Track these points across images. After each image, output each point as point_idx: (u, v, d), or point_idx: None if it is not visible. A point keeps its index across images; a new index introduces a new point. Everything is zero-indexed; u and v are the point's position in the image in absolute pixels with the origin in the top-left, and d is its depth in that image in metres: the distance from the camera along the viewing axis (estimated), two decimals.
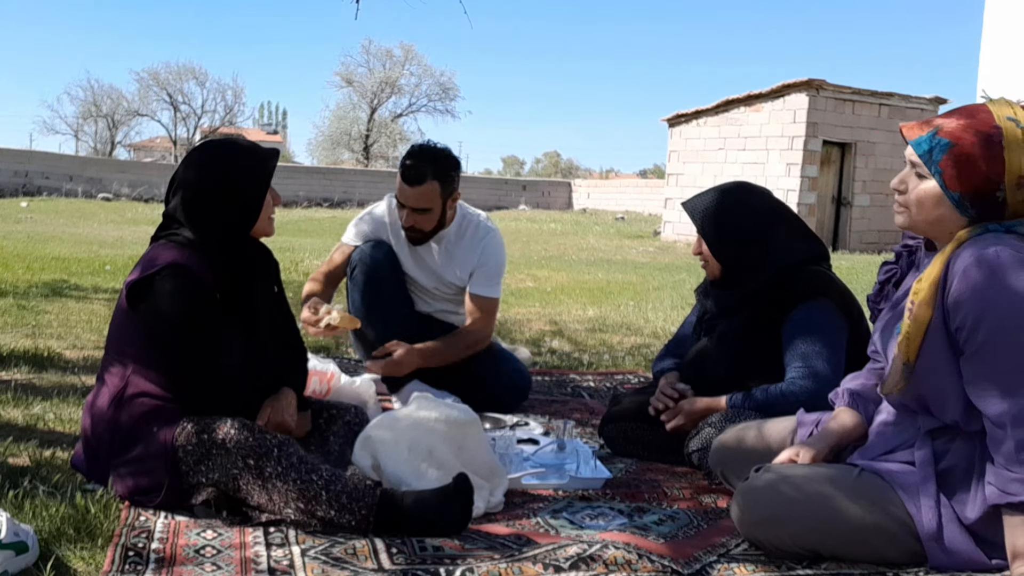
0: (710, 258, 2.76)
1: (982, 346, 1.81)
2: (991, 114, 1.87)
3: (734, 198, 2.78)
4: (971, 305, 1.80)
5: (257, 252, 2.47)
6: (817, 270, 2.70)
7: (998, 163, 1.84)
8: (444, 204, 3.29)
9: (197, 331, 2.24)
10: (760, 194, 2.83)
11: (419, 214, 3.27)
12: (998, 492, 1.80)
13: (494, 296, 3.45)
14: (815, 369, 2.55)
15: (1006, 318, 1.78)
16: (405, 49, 44.99)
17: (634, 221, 24.68)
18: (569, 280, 9.25)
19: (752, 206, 2.77)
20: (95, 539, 1.99)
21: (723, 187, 2.84)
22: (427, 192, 3.24)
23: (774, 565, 1.98)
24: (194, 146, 2.54)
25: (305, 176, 29.49)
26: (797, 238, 2.74)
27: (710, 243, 2.75)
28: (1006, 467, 1.79)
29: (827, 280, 2.69)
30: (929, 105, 16.89)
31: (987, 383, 1.81)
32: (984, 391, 1.82)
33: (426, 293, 3.49)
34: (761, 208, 2.77)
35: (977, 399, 1.83)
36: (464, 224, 3.44)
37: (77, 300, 5.98)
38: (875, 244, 16.37)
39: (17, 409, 3.09)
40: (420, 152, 3.31)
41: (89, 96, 43.79)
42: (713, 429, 2.58)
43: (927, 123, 1.93)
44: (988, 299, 1.79)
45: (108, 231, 14.20)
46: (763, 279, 2.67)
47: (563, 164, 73.51)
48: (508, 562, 1.94)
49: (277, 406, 2.36)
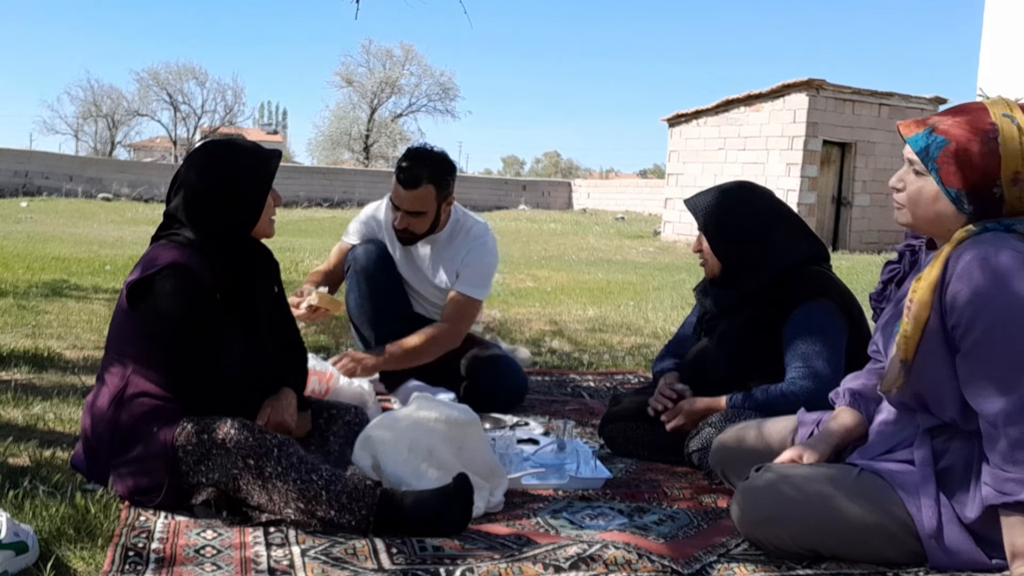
0: (710, 256, 2.77)
1: (977, 345, 1.81)
2: (987, 111, 1.88)
3: (736, 197, 2.78)
4: (968, 304, 1.81)
5: (258, 252, 2.48)
6: (817, 270, 2.71)
7: (994, 159, 1.84)
8: (439, 208, 3.29)
9: (197, 331, 2.24)
10: (761, 194, 2.83)
11: (413, 217, 3.27)
12: (994, 492, 1.80)
13: (474, 297, 3.40)
14: (815, 369, 2.55)
15: (1002, 318, 1.78)
16: (405, 49, 45.04)
17: (634, 221, 24.68)
18: (569, 280, 9.25)
19: (753, 206, 2.77)
20: (95, 539, 1.99)
21: (725, 186, 2.85)
22: (422, 196, 3.23)
23: (774, 565, 1.98)
24: (196, 146, 2.55)
25: (305, 176, 29.48)
26: (798, 238, 2.74)
27: (711, 241, 2.75)
28: (1001, 466, 1.79)
29: (827, 280, 2.69)
30: (929, 105, 16.89)
31: (981, 382, 1.81)
32: (978, 390, 1.82)
33: (418, 295, 3.49)
34: (762, 208, 2.77)
35: (972, 398, 1.84)
36: (456, 228, 3.43)
37: (77, 300, 5.98)
38: (875, 244, 16.37)
39: (17, 409, 3.09)
40: (416, 155, 3.29)
41: (89, 96, 43.81)
42: (713, 429, 2.58)
43: (924, 121, 1.95)
44: (985, 299, 1.79)
45: (108, 231, 14.20)
46: (763, 279, 2.67)
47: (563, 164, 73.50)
48: (508, 562, 1.94)
49: (277, 406, 2.36)
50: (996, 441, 1.80)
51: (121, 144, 45.63)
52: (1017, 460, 1.77)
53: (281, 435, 2.16)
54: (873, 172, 16.65)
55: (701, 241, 2.79)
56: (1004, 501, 1.79)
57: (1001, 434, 1.79)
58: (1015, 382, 1.78)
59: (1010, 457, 1.78)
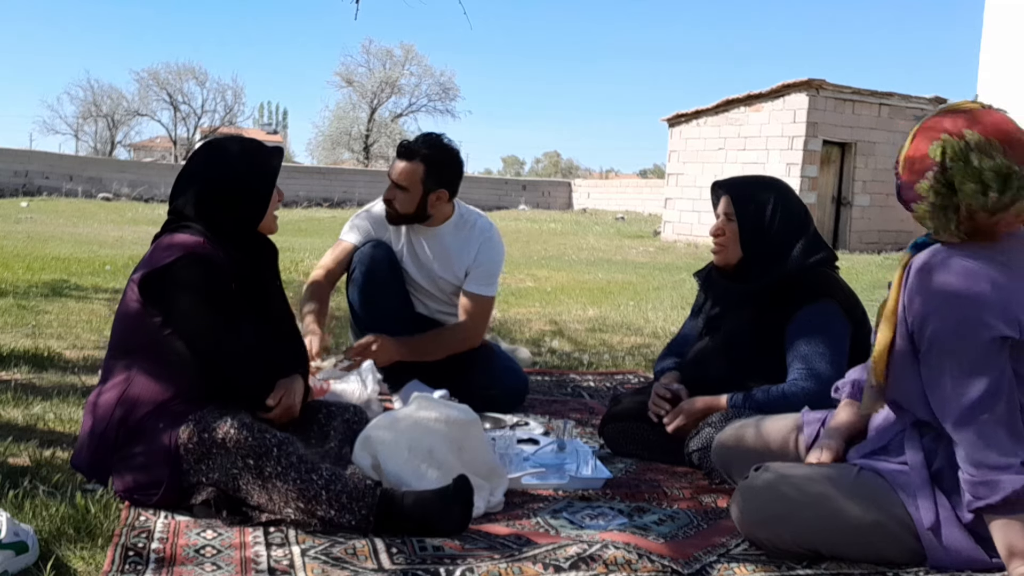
0: (732, 244, 2.72)
1: (928, 350, 1.84)
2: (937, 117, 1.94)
3: (779, 195, 2.74)
4: (918, 307, 1.84)
5: (263, 246, 2.50)
6: (824, 271, 2.70)
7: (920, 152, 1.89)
8: (425, 192, 3.29)
9: (218, 315, 2.26)
10: (796, 196, 2.83)
11: (397, 189, 3.31)
12: (970, 497, 1.81)
13: (488, 295, 3.45)
14: (816, 371, 2.55)
15: (947, 320, 1.81)
16: (405, 49, 44.99)
17: (634, 221, 24.66)
18: (569, 280, 9.25)
19: (792, 206, 2.74)
20: (95, 539, 1.99)
21: (766, 180, 2.84)
22: (409, 170, 3.28)
23: (774, 565, 1.98)
24: (202, 142, 2.57)
25: (305, 176, 29.45)
26: (818, 243, 2.73)
27: (745, 232, 2.69)
28: (966, 471, 1.81)
29: (833, 281, 2.69)
30: (929, 105, 16.85)
31: (936, 386, 1.84)
32: (935, 394, 1.85)
33: (424, 293, 3.48)
34: (799, 211, 2.76)
35: (932, 404, 1.87)
36: (461, 222, 3.44)
37: (77, 300, 5.98)
38: (875, 244, 16.36)
39: (17, 409, 3.09)
40: (426, 136, 3.39)
41: (89, 96, 43.76)
42: (713, 429, 2.58)
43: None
44: (932, 301, 1.83)
45: (108, 231, 14.20)
46: (775, 276, 2.66)
47: (563, 164, 73.48)
48: (508, 562, 1.94)
49: (290, 389, 2.38)
50: (958, 445, 1.82)
51: (121, 144, 45.63)
52: (977, 462, 1.78)
53: (281, 434, 2.16)
54: (873, 172, 16.63)
55: (725, 227, 2.73)
56: (979, 505, 1.80)
57: (959, 437, 1.81)
58: (964, 385, 1.79)
59: (971, 459, 1.80)
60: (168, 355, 2.26)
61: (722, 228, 2.74)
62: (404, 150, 3.32)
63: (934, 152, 1.85)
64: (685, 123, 17.87)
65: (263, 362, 2.37)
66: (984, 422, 1.78)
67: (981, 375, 1.78)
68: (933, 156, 1.85)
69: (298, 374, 2.45)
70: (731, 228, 2.72)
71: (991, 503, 1.77)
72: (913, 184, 1.88)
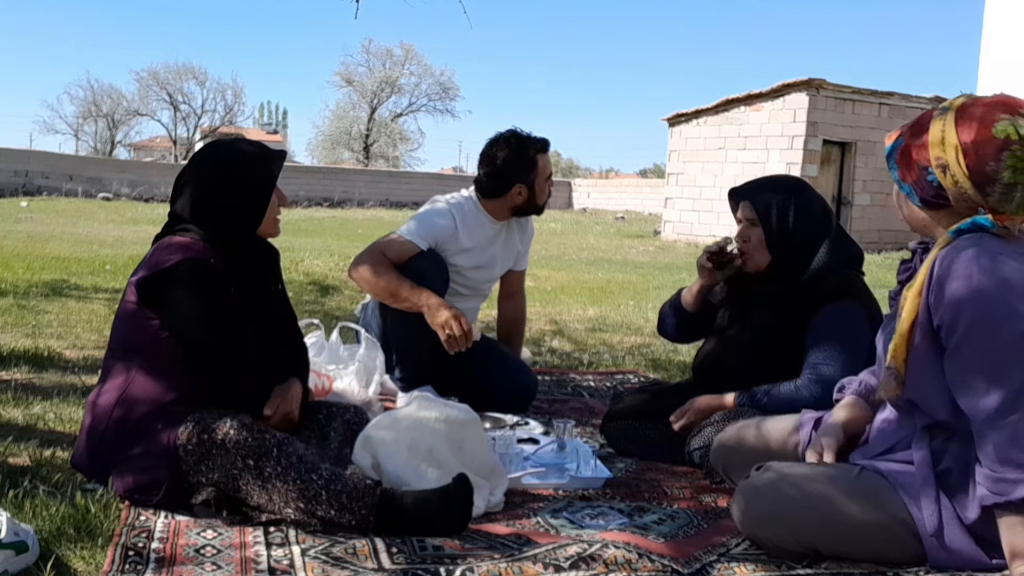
0: (759, 250, 2.69)
1: (960, 344, 1.82)
2: (933, 111, 1.94)
3: (801, 196, 2.72)
4: (949, 304, 1.82)
5: (263, 250, 2.49)
6: (848, 272, 2.68)
7: (924, 149, 1.90)
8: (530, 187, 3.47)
9: (217, 321, 2.25)
10: (818, 194, 2.81)
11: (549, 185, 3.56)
12: (988, 492, 1.80)
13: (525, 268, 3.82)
14: (826, 375, 2.52)
15: (981, 316, 1.79)
16: (405, 49, 45.03)
17: (634, 221, 24.67)
18: (569, 280, 9.25)
19: (815, 206, 2.72)
20: (95, 539, 1.99)
21: (787, 181, 2.81)
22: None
23: (774, 565, 1.98)
24: (201, 145, 2.57)
25: (305, 176, 29.44)
26: (844, 240, 2.72)
27: (772, 235, 2.66)
28: (991, 466, 1.79)
29: (856, 283, 2.67)
30: (929, 104, 16.86)
31: (966, 381, 1.82)
32: (964, 390, 1.83)
33: (467, 292, 3.52)
34: (823, 209, 2.74)
35: (959, 398, 1.85)
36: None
37: (77, 300, 5.98)
38: (875, 243, 16.35)
39: (17, 409, 3.09)
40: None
41: (89, 96, 43.83)
42: (714, 428, 2.58)
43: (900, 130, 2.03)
44: (964, 298, 1.81)
45: (108, 231, 14.19)
46: (806, 275, 2.63)
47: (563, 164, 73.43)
48: (508, 562, 1.94)
49: (287, 396, 2.38)
50: (985, 441, 1.80)
51: (121, 144, 45.67)
52: (1005, 459, 1.77)
53: (281, 434, 2.16)
54: (873, 171, 16.64)
55: (749, 232, 2.70)
56: (997, 501, 1.79)
57: (988, 433, 1.79)
58: (998, 380, 1.78)
59: (999, 456, 1.78)
60: (168, 356, 2.26)
61: (747, 234, 2.71)
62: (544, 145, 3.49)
63: (1003, 131, 1.81)
64: (685, 122, 17.86)
65: (259, 370, 2.36)
66: (1018, 419, 1.76)
67: (1016, 368, 1.77)
68: (1004, 135, 1.81)
69: (296, 379, 2.44)
70: (756, 233, 2.69)
71: (1010, 500, 1.77)
72: (983, 169, 1.83)
